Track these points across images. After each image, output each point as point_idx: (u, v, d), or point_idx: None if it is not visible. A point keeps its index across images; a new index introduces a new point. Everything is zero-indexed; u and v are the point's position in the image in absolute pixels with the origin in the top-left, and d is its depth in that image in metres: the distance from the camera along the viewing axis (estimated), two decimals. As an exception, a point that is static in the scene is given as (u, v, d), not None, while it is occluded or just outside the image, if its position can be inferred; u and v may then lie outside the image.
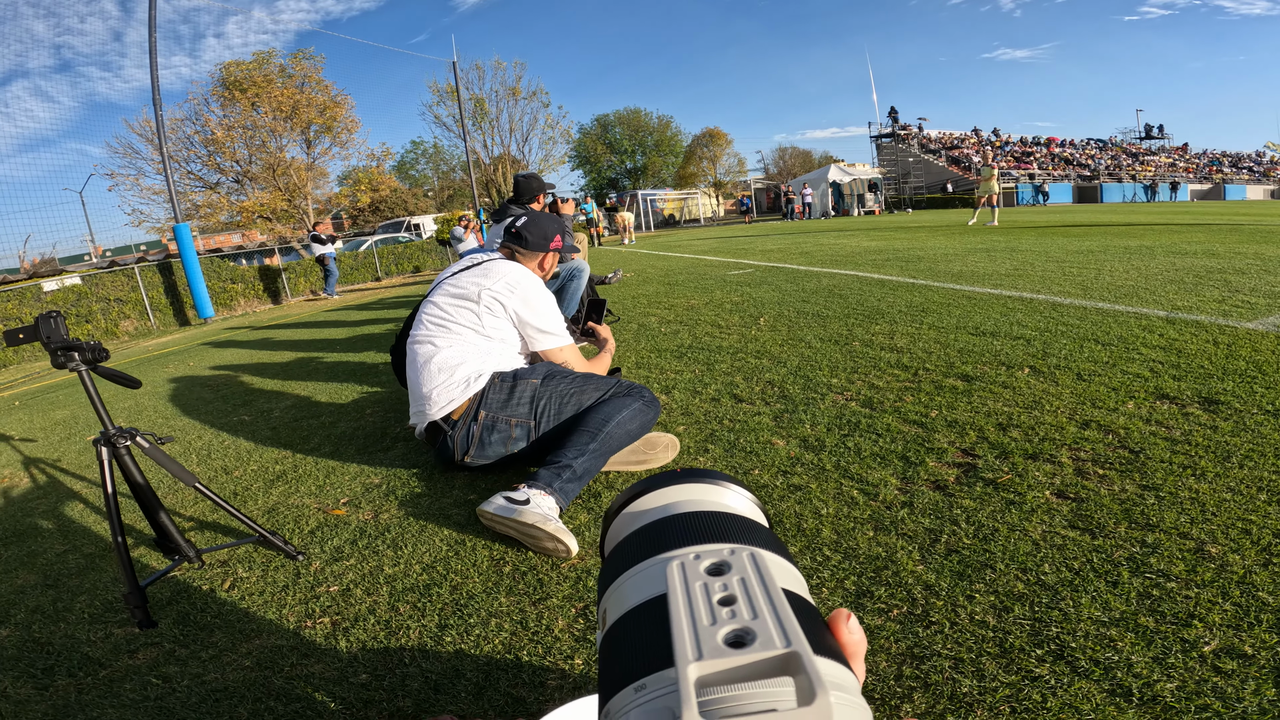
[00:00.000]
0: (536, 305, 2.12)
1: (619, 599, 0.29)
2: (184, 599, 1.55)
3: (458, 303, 2.07)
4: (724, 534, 0.30)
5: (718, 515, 0.32)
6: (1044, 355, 2.65)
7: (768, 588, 0.25)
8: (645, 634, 0.25)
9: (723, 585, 0.26)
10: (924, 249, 7.85)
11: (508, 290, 2.07)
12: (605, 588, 0.30)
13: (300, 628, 1.37)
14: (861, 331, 3.40)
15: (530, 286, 2.11)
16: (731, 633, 0.23)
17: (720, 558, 0.27)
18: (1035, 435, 1.89)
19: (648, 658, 0.24)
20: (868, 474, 1.77)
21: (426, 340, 2.06)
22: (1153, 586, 1.19)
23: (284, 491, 2.15)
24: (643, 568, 0.29)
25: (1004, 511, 1.49)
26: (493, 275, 2.09)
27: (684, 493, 0.35)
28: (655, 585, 0.27)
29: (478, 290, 2.06)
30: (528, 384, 1.94)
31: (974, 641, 1.11)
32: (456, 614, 1.36)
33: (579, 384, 1.95)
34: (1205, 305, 3.36)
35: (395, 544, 1.68)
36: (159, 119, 10.46)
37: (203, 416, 3.40)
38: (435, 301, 2.12)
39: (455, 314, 2.07)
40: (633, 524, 0.34)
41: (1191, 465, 1.62)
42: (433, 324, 2.08)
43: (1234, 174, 41.29)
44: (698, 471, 0.37)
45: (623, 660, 0.25)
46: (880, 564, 1.35)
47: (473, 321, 2.06)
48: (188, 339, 8.29)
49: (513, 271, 2.12)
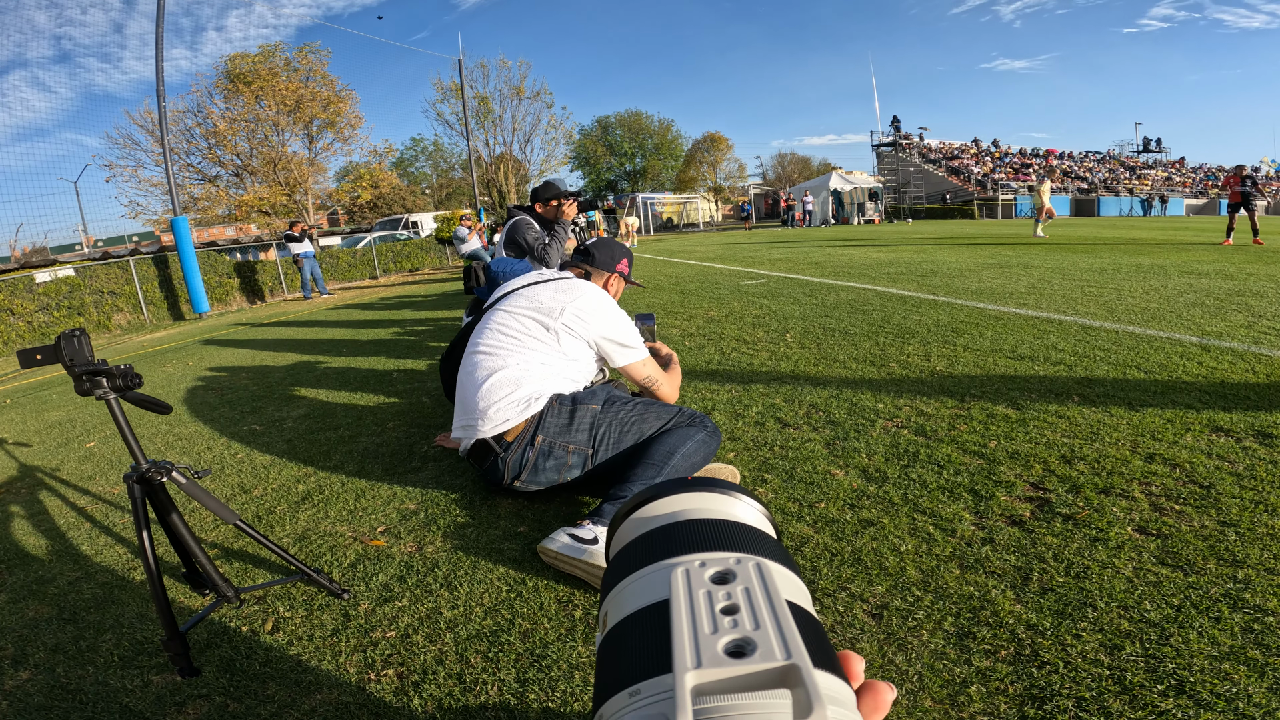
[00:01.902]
0: (618, 320, 2.05)
1: (621, 602, 0.28)
2: (224, 642, 1.43)
3: (534, 316, 1.97)
4: (731, 543, 0.30)
5: (725, 524, 0.32)
6: (1089, 383, 2.62)
7: (771, 599, 0.25)
8: (645, 639, 0.25)
9: (726, 594, 0.25)
10: (935, 262, 7.82)
11: (591, 308, 1.98)
12: (608, 591, 0.30)
13: (363, 680, 1.27)
14: (895, 352, 3.34)
15: (610, 303, 2.06)
16: (732, 642, 0.23)
17: (725, 566, 0.27)
18: (1102, 469, 1.88)
19: (646, 663, 0.24)
20: (939, 508, 1.72)
21: (492, 351, 1.94)
22: (1253, 621, 1.20)
23: (312, 516, 2.04)
24: (646, 573, 0.29)
25: (1090, 549, 1.49)
26: (574, 292, 2.01)
27: (692, 501, 0.35)
28: (658, 591, 0.27)
29: (560, 306, 1.96)
30: (588, 409, 1.84)
31: (1092, 680, 1.10)
32: (534, 666, 1.27)
33: (640, 412, 1.87)
34: (1234, 331, 3.36)
35: (449, 582, 1.57)
36: (161, 110, 10.28)
37: (210, 424, 3.27)
38: (508, 310, 2.01)
39: (528, 326, 1.96)
40: (639, 529, 0.33)
41: (1262, 501, 1.65)
42: (503, 334, 1.97)
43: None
44: (707, 481, 0.36)
45: (621, 664, 0.25)
46: (975, 604, 1.33)
47: (546, 338, 1.96)
48: (183, 334, 8.12)
49: (594, 290, 2.05)
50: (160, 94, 10.24)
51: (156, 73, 10.17)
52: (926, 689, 1.12)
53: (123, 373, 1.36)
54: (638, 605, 0.27)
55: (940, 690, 1.12)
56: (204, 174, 18.47)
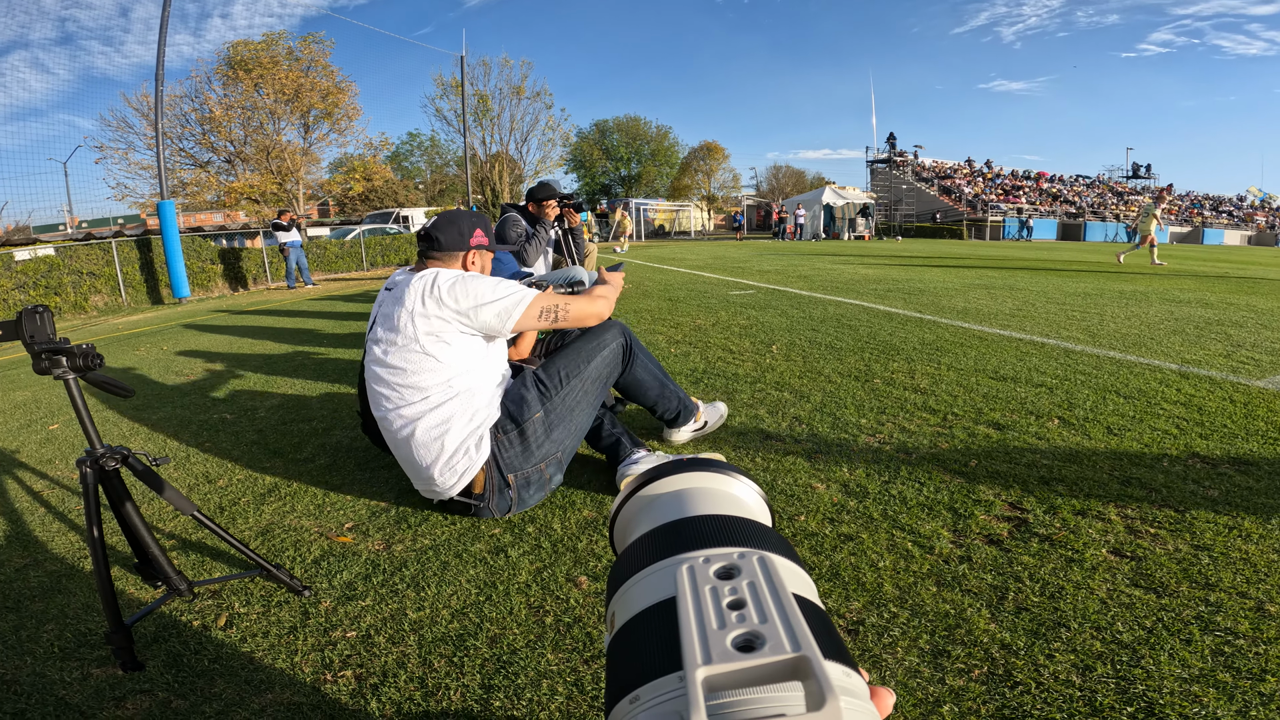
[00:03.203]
0: (466, 286, 1.70)
1: (627, 602, 0.28)
2: (173, 636, 1.37)
3: (398, 347, 1.70)
4: (733, 537, 0.30)
5: (727, 519, 0.32)
6: (1069, 406, 2.63)
7: (777, 592, 0.25)
8: (653, 638, 0.25)
9: (732, 589, 0.25)
10: (923, 281, 7.88)
11: (432, 298, 1.68)
12: (614, 590, 0.30)
13: (319, 681, 1.22)
14: (880, 368, 3.34)
15: (446, 276, 1.72)
16: (740, 637, 0.23)
17: (730, 561, 0.27)
18: (1080, 491, 1.88)
19: (654, 662, 0.24)
20: (918, 525, 1.70)
21: (392, 410, 1.72)
22: (1224, 644, 1.22)
23: (278, 509, 1.98)
24: (652, 571, 0.29)
25: (1065, 569, 1.50)
26: (410, 292, 1.70)
27: (692, 481, 0.34)
28: (664, 588, 0.27)
29: (405, 318, 1.68)
30: (533, 422, 1.77)
31: (1063, 701, 1.10)
32: (501, 673, 1.23)
33: (569, 369, 1.86)
34: (1213, 360, 3.39)
35: (416, 583, 1.53)
36: (159, 94, 10.13)
37: (179, 411, 3.19)
38: (375, 356, 1.74)
39: (404, 362, 1.69)
40: (642, 518, 0.33)
41: (1236, 525, 1.67)
42: (386, 388, 1.73)
43: (1214, 218, 41.92)
44: (706, 461, 0.36)
45: (629, 665, 0.25)
46: (951, 622, 1.32)
47: (426, 364, 1.69)
48: (161, 319, 7.97)
49: (425, 277, 1.72)
50: (159, 78, 10.10)
51: (157, 57, 10.02)
52: (900, 707, 1.10)
53: (83, 352, 1.31)
54: (644, 604, 0.27)
55: (913, 709, 1.09)
56: (195, 159, 18.25)
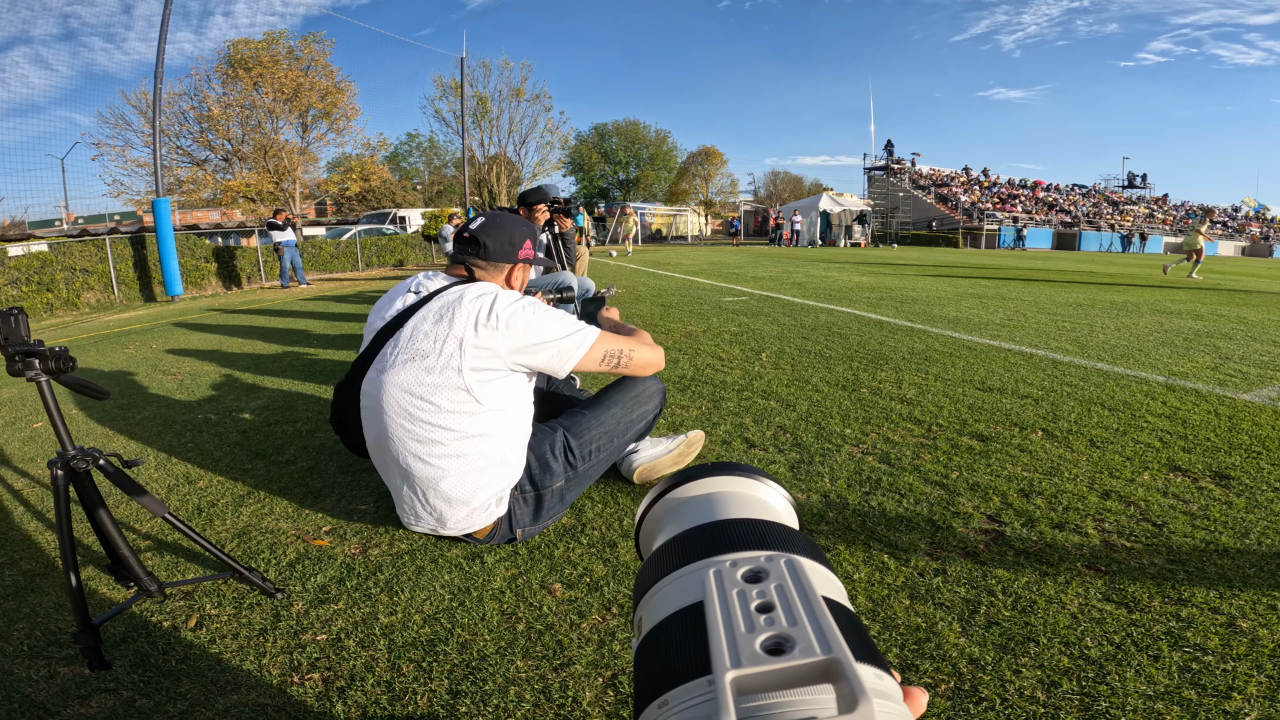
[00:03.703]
0: (529, 322, 1.53)
1: (654, 607, 0.28)
2: (141, 636, 1.37)
3: (432, 376, 1.49)
4: (761, 541, 0.30)
5: (754, 523, 0.32)
6: (1054, 418, 2.64)
7: (807, 594, 0.25)
8: (681, 642, 0.25)
9: (759, 592, 0.25)
10: (916, 289, 7.91)
11: (490, 329, 1.49)
12: (641, 594, 0.30)
13: (286, 683, 1.22)
14: (868, 377, 3.35)
15: (506, 301, 1.54)
16: (770, 639, 0.23)
17: (757, 564, 0.27)
18: (1059, 504, 1.89)
19: (682, 667, 0.24)
20: (896, 537, 1.70)
21: (416, 454, 1.53)
22: (1191, 660, 1.22)
23: (256, 511, 1.97)
24: (679, 575, 0.29)
25: (1039, 583, 1.50)
26: (459, 317, 1.50)
27: (720, 485, 0.35)
28: (692, 593, 0.27)
29: (454, 348, 1.48)
30: (551, 491, 1.72)
31: (1026, 718, 1.10)
32: (469, 679, 1.22)
33: (607, 451, 1.85)
34: (1200, 372, 3.41)
35: (390, 587, 1.52)
36: (157, 91, 10.12)
37: (162, 410, 3.18)
38: (399, 384, 1.52)
39: (438, 401, 1.50)
40: (669, 522, 0.33)
41: (1213, 541, 1.67)
42: (412, 423, 1.51)
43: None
44: (732, 465, 0.36)
45: (658, 669, 0.25)
46: (922, 635, 1.32)
47: (466, 404, 1.50)
48: (152, 316, 7.94)
49: (477, 300, 1.52)
50: (158, 75, 10.09)
51: (157, 54, 10.01)
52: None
53: (56, 355, 1.31)
54: (672, 609, 0.27)
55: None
56: (193, 157, 18.20)
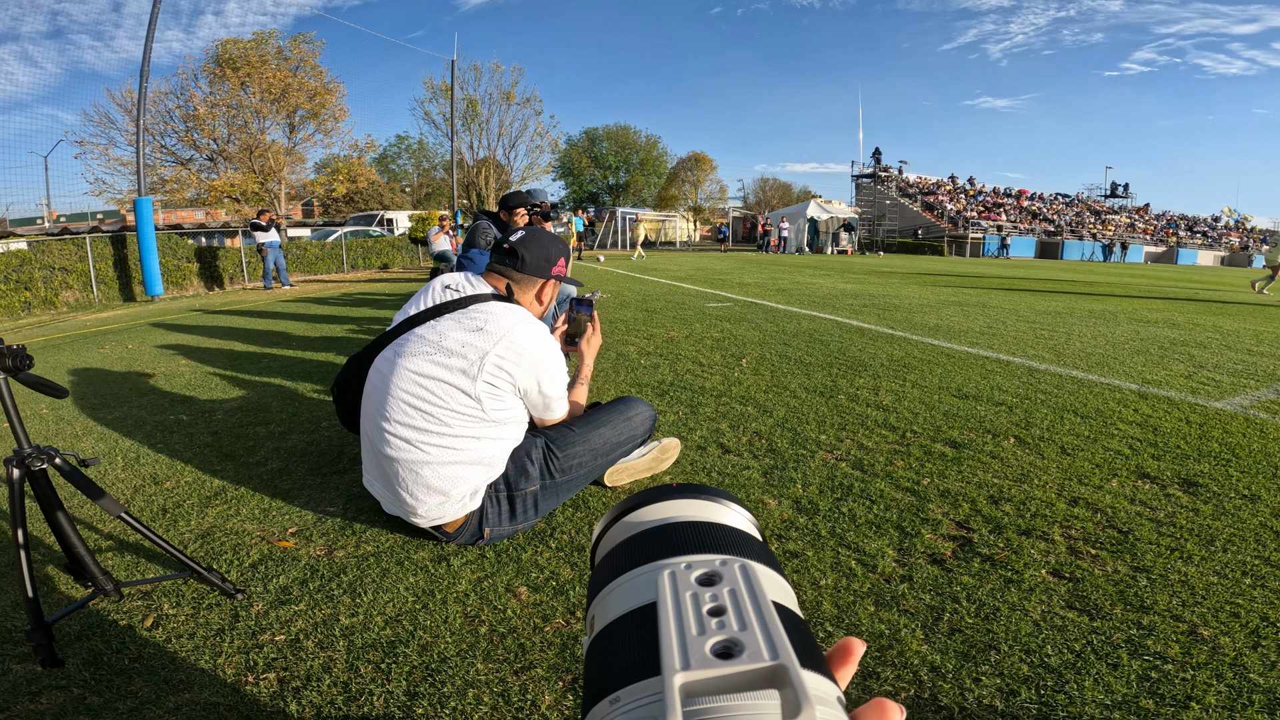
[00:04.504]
0: (550, 371, 1.67)
1: (607, 606, 0.28)
2: (96, 635, 1.35)
3: (448, 375, 1.56)
4: (716, 545, 0.30)
5: (710, 526, 0.32)
6: (1027, 425, 2.66)
7: (758, 600, 0.25)
8: (632, 642, 0.25)
9: (713, 596, 0.25)
10: (898, 297, 7.97)
11: (515, 358, 1.60)
12: (595, 593, 0.30)
13: (240, 682, 1.20)
14: (846, 384, 3.37)
15: (540, 348, 1.65)
16: (719, 643, 0.23)
17: (711, 568, 0.27)
18: (1027, 511, 1.90)
19: (633, 666, 0.24)
20: (864, 544, 1.71)
21: (406, 437, 1.58)
22: (1151, 669, 1.21)
23: (222, 513, 1.95)
24: (633, 575, 0.29)
25: (1003, 590, 1.50)
26: (493, 334, 1.59)
27: (680, 508, 0.35)
28: (645, 593, 0.27)
29: (476, 358, 1.56)
30: (524, 494, 1.72)
31: None
32: (428, 680, 1.21)
33: (589, 468, 1.86)
34: (1174, 380, 3.45)
35: (353, 589, 1.51)
36: (142, 90, 10.00)
37: (134, 410, 3.13)
38: (416, 373, 1.59)
39: (446, 397, 1.56)
40: (626, 533, 0.33)
41: (1178, 548, 1.68)
42: (414, 408, 1.57)
43: (1188, 238, 42.52)
44: (695, 487, 0.36)
45: (608, 668, 0.25)
46: (885, 643, 1.32)
47: (470, 408, 1.58)
48: (130, 316, 7.83)
49: (517, 328, 1.61)
50: (144, 73, 9.96)
51: (144, 52, 9.90)
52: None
53: (13, 353, 1.30)
54: (625, 609, 0.27)
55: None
56: (177, 156, 18.01)
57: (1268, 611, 1.39)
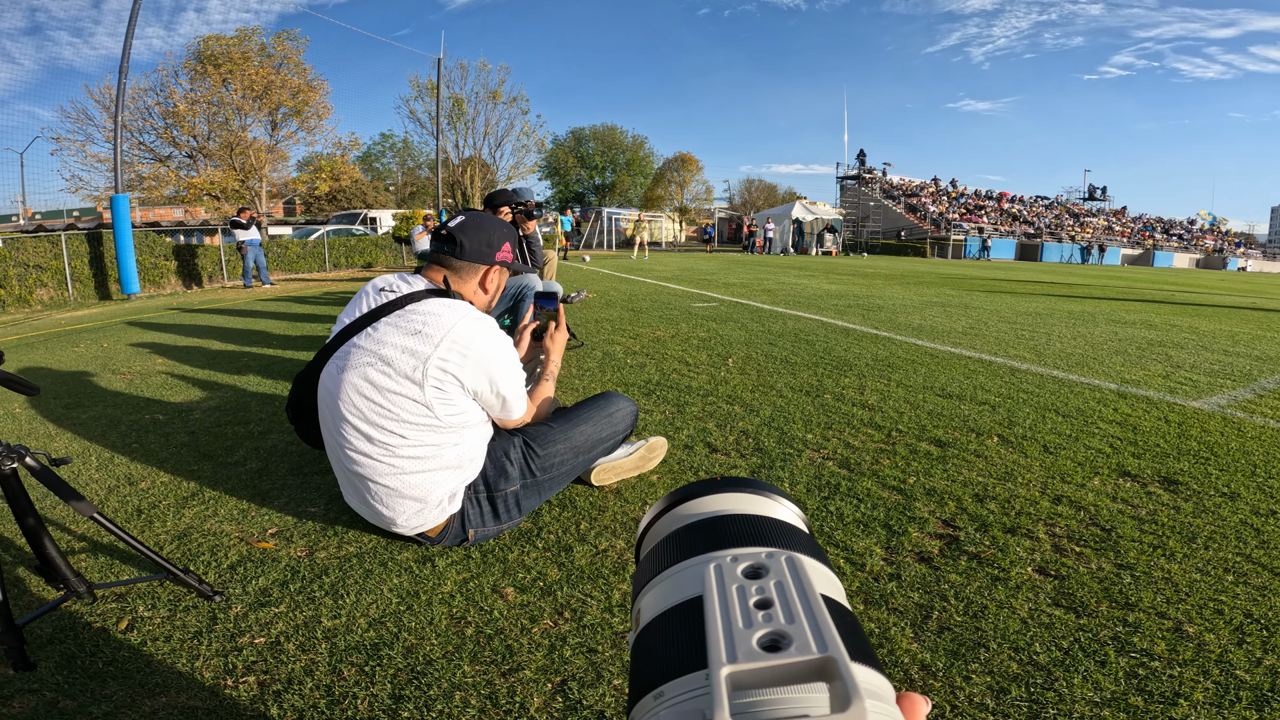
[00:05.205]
0: (501, 368, 1.59)
1: (653, 600, 0.28)
2: (69, 638, 1.32)
3: (394, 385, 1.49)
4: (762, 538, 0.30)
5: (757, 519, 0.32)
6: (1010, 424, 2.68)
7: (805, 592, 0.25)
8: (678, 636, 0.25)
9: (759, 589, 0.25)
10: (883, 297, 8.03)
11: (460, 359, 1.51)
12: (640, 588, 0.30)
13: (219, 686, 1.17)
14: (832, 384, 3.38)
15: (486, 344, 1.55)
16: (767, 636, 0.23)
17: (757, 561, 0.27)
18: (1011, 509, 1.91)
19: (678, 660, 0.24)
20: (852, 542, 1.71)
21: (367, 452, 1.53)
22: (1138, 666, 1.22)
23: (199, 513, 1.90)
24: (679, 569, 0.29)
25: (990, 588, 1.50)
26: (433, 336, 1.50)
27: (726, 502, 0.35)
28: (691, 587, 0.27)
29: (419, 364, 1.48)
30: (505, 495, 1.69)
31: None
32: (413, 683, 1.19)
33: (570, 466, 1.83)
34: (1152, 380, 3.51)
35: (335, 591, 1.48)
36: (121, 86, 9.80)
37: (109, 409, 3.06)
38: (359, 383, 1.51)
39: (397, 408, 1.50)
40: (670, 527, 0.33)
41: (1161, 545, 1.70)
42: (368, 423, 1.51)
43: (1164, 240, 43.28)
44: (741, 480, 0.36)
45: (653, 662, 0.25)
46: (874, 641, 1.32)
47: (423, 416, 1.51)
48: (106, 315, 7.67)
49: (458, 325, 1.52)
50: (123, 70, 9.77)
51: (124, 48, 9.72)
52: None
53: (-17, 347, 1.25)
54: (670, 603, 0.27)
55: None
56: (156, 153, 17.68)
57: (1251, 608, 1.40)
